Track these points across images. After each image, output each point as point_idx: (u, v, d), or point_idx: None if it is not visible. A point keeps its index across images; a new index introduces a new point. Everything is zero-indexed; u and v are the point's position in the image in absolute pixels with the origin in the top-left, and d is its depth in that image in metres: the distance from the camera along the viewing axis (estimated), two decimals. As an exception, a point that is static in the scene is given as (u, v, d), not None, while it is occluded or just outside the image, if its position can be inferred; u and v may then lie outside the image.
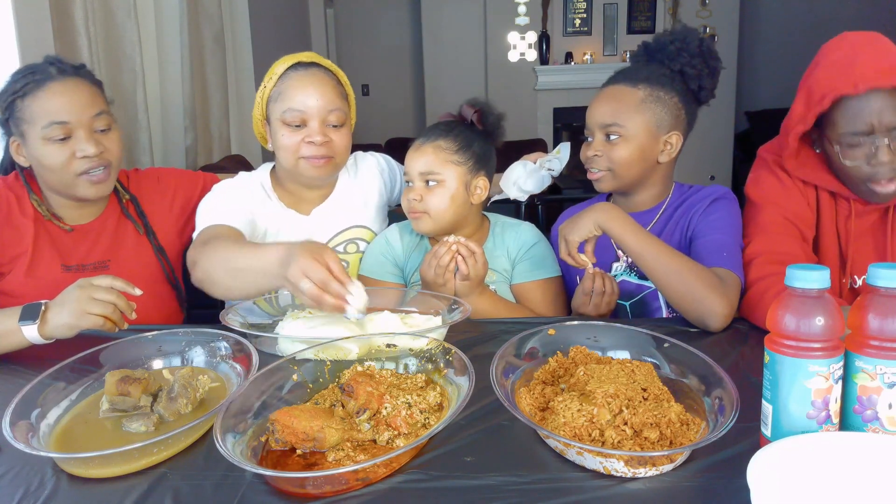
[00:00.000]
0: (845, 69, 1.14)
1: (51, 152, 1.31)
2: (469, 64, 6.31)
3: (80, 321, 1.11)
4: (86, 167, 1.33)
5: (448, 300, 1.21)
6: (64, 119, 1.30)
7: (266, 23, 3.94)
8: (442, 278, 1.28)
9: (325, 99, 1.39)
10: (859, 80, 1.11)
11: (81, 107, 1.32)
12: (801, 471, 0.67)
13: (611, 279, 1.29)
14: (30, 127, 1.30)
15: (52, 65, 1.33)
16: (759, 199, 1.30)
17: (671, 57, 1.33)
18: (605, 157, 1.33)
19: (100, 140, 1.34)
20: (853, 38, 1.18)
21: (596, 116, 1.34)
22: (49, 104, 1.29)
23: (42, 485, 0.77)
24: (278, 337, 1.09)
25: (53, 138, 1.30)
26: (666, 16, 6.12)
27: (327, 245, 1.05)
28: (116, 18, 2.38)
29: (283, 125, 1.40)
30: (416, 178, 1.41)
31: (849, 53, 1.16)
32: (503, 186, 1.53)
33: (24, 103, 1.30)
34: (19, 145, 1.34)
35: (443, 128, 1.43)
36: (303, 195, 1.52)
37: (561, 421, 0.79)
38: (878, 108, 1.12)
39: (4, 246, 1.35)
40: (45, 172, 1.34)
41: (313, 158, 1.40)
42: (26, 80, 1.30)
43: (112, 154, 1.37)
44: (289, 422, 0.79)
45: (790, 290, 0.73)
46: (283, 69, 1.42)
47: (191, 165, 2.82)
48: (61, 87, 1.31)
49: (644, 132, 1.31)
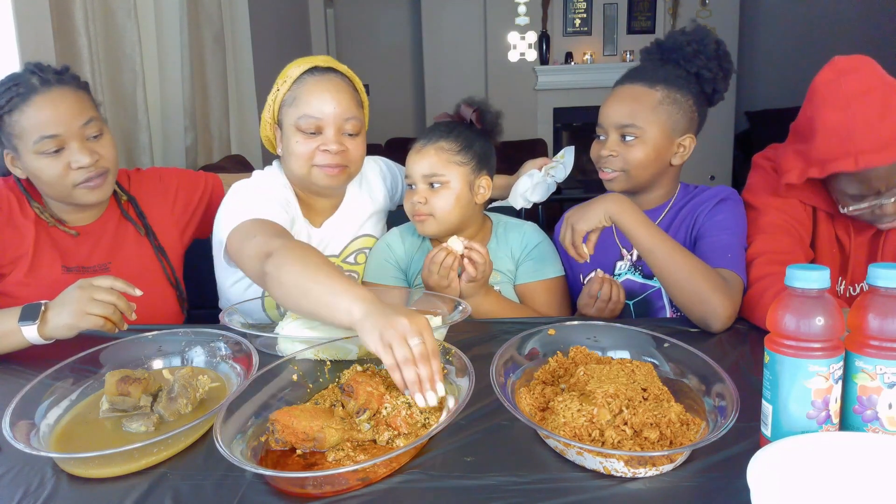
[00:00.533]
0: (843, 142, 1.09)
1: (45, 166, 1.29)
2: (469, 64, 6.31)
3: (80, 322, 1.10)
4: (82, 177, 1.31)
5: (453, 302, 1.20)
6: (54, 132, 1.27)
7: (266, 23, 3.94)
8: (446, 279, 1.27)
9: (342, 107, 1.34)
10: (859, 155, 1.08)
11: (70, 117, 1.29)
12: (801, 471, 0.67)
13: (618, 287, 1.28)
14: (20, 142, 1.28)
15: (33, 74, 1.29)
16: (758, 204, 1.31)
17: (688, 58, 1.31)
18: (621, 158, 1.31)
19: (93, 148, 1.32)
20: (848, 86, 1.10)
21: (613, 116, 1.32)
22: (36, 119, 1.26)
23: (42, 485, 0.77)
24: (278, 337, 1.09)
25: (46, 152, 1.27)
26: (666, 16, 6.11)
27: (413, 313, 0.88)
28: (116, 18, 2.37)
29: (298, 131, 1.35)
30: (419, 180, 1.40)
31: (844, 119, 1.09)
32: (511, 200, 1.53)
33: (12, 119, 1.27)
34: (14, 158, 1.33)
35: (443, 128, 1.42)
36: (314, 204, 1.48)
37: (561, 421, 0.79)
38: (882, 176, 1.10)
39: (5, 247, 1.35)
40: (42, 185, 1.33)
41: (327, 167, 1.35)
42: (10, 93, 1.26)
43: (107, 160, 1.35)
44: (289, 422, 0.79)
45: (790, 290, 0.73)
46: (298, 73, 1.36)
47: (191, 165, 2.82)
48: (46, 99, 1.27)
49: (660, 134, 1.30)
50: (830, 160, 1.12)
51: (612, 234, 1.43)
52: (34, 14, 1.86)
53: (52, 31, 1.92)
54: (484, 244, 1.33)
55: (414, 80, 6.76)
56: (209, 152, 3.07)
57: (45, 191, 1.35)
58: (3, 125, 1.28)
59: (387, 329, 0.85)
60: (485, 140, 1.45)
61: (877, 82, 1.11)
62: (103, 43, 2.29)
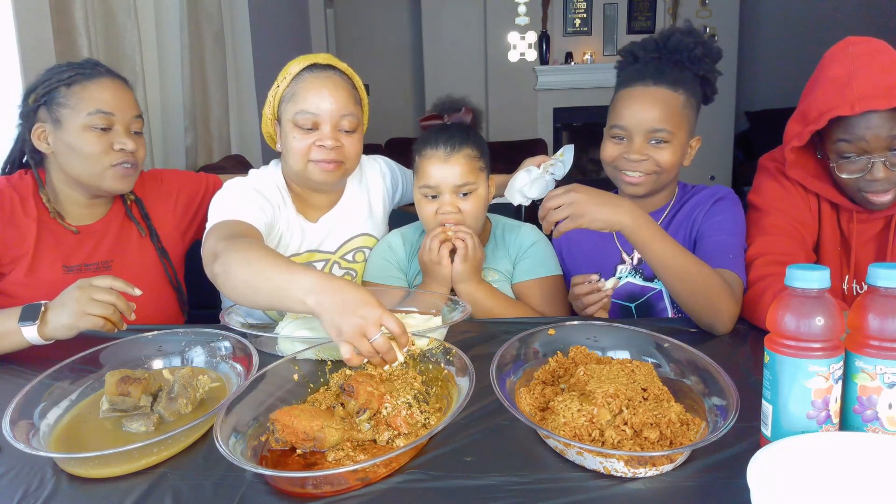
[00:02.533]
0: (843, 88, 1.12)
1: (89, 140, 1.34)
2: (469, 64, 6.31)
3: (80, 322, 1.11)
4: (119, 160, 1.37)
5: (445, 297, 1.21)
6: (110, 110, 1.35)
7: (266, 23, 3.93)
8: (437, 254, 1.31)
9: (338, 103, 1.36)
10: (856, 100, 1.10)
11: (125, 105, 1.39)
12: (801, 471, 0.67)
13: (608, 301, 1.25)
14: (72, 112, 1.33)
15: (97, 65, 1.40)
16: (763, 205, 1.31)
17: (694, 61, 1.30)
18: (651, 161, 1.29)
19: (135, 139, 1.40)
20: (855, 49, 1.15)
21: (644, 120, 1.28)
22: (98, 94, 1.35)
23: (42, 485, 0.77)
24: (278, 337, 1.09)
25: (96, 126, 1.34)
26: (666, 16, 6.11)
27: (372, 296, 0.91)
28: (116, 18, 2.37)
29: (295, 127, 1.36)
30: (447, 190, 1.36)
31: (848, 69, 1.13)
32: (508, 195, 1.52)
33: (71, 90, 1.33)
34: (45, 132, 1.35)
35: (460, 134, 1.38)
36: (311, 200, 1.49)
37: (561, 421, 0.79)
38: (875, 128, 1.11)
39: (6, 246, 1.35)
40: (76, 160, 1.35)
41: (323, 162, 1.37)
42: (73, 70, 1.35)
43: (140, 156, 1.42)
44: (289, 422, 0.79)
45: (790, 290, 0.73)
46: (297, 69, 1.38)
47: (191, 165, 2.82)
48: (112, 83, 1.38)
49: (686, 137, 1.31)
50: (828, 109, 1.13)
51: (612, 238, 1.42)
52: (34, 14, 1.86)
53: (52, 31, 1.92)
54: (483, 245, 1.34)
55: (414, 80, 6.76)
56: (209, 152, 3.07)
57: (74, 168, 1.37)
58: (58, 95, 1.34)
59: (345, 327, 0.88)
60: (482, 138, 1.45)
61: (884, 48, 1.14)
62: (103, 43, 2.29)
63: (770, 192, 1.31)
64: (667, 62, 1.31)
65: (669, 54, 1.32)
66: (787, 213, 1.28)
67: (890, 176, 1.14)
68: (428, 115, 1.47)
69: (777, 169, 1.32)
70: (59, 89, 1.34)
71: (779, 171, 1.31)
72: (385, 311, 0.89)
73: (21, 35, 1.80)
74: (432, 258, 1.33)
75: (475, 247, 1.34)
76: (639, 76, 1.31)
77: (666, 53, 1.32)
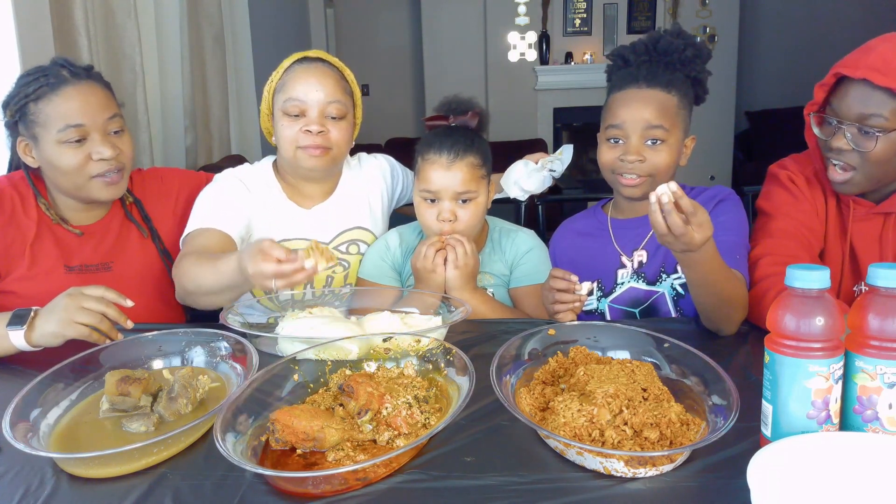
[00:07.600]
0: (858, 55, 1.15)
1: (66, 155, 1.30)
2: (469, 64, 6.30)
3: (66, 330, 1.09)
4: (101, 170, 1.33)
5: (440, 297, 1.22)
6: (80, 122, 1.29)
7: (266, 23, 3.94)
8: (431, 262, 1.31)
9: (325, 91, 1.40)
10: (863, 65, 1.12)
11: (96, 109, 1.32)
12: (801, 471, 0.67)
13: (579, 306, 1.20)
14: (43, 130, 1.29)
15: (62, 67, 1.32)
16: (771, 210, 1.32)
17: (685, 62, 1.30)
18: (648, 163, 1.28)
19: (114, 143, 1.35)
20: (883, 37, 1.16)
21: (640, 121, 1.27)
22: (64, 107, 1.29)
23: (42, 485, 0.77)
24: (278, 337, 1.09)
25: (69, 141, 1.29)
26: (666, 16, 6.11)
27: (276, 243, 1.05)
28: (116, 18, 2.37)
29: (284, 115, 1.41)
30: (448, 196, 1.36)
31: (879, 42, 1.15)
32: (504, 185, 1.52)
33: (38, 107, 1.29)
34: (28, 146, 1.33)
35: (464, 140, 1.37)
36: (304, 189, 1.52)
37: (561, 421, 0.79)
38: (858, 97, 1.13)
39: (7, 246, 1.34)
40: (58, 175, 1.33)
41: (310, 148, 1.40)
42: (39, 83, 1.29)
43: (125, 156, 1.38)
44: (289, 422, 0.79)
45: (790, 291, 0.73)
46: (289, 63, 1.44)
47: (191, 165, 2.82)
48: (76, 90, 1.30)
49: (681, 137, 1.31)
50: (840, 66, 1.17)
51: (611, 242, 1.40)
52: (34, 14, 1.86)
53: (52, 31, 1.92)
54: (479, 249, 1.33)
55: (414, 81, 6.75)
56: (209, 152, 3.08)
57: (59, 182, 1.35)
58: (28, 112, 1.30)
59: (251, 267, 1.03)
60: (486, 143, 1.44)
61: None
62: (103, 43, 2.28)
63: (779, 198, 1.33)
64: (658, 64, 1.31)
65: (660, 56, 1.31)
66: (794, 217, 1.29)
67: (847, 154, 1.17)
68: (433, 115, 1.47)
69: (787, 177, 1.33)
70: (28, 106, 1.29)
71: (788, 179, 1.33)
72: (269, 240, 1.05)
73: (21, 35, 1.79)
74: (426, 265, 1.32)
75: (466, 254, 1.32)
76: (631, 79, 1.30)
77: (657, 56, 1.31)
